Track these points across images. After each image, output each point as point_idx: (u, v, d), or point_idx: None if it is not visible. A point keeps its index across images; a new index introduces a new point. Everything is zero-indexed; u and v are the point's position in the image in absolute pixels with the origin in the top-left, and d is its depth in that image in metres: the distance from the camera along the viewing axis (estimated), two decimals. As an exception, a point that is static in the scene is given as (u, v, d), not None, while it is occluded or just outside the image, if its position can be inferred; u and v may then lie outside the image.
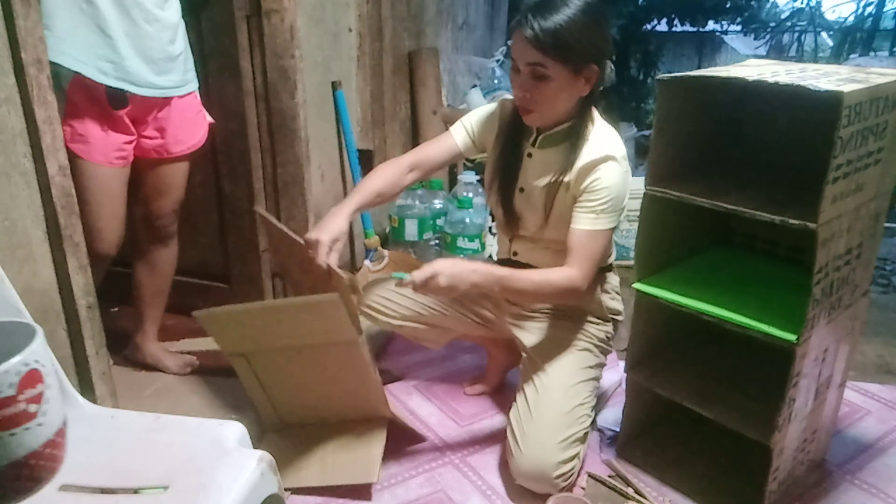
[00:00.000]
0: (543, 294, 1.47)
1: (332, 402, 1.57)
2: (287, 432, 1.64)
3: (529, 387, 1.54)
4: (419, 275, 1.34)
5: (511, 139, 1.55)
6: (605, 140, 1.45)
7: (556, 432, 1.45)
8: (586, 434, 1.52)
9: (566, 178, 1.46)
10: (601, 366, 1.63)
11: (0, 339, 0.82)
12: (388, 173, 1.57)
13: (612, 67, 1.46)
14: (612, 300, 1.66)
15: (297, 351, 1.46)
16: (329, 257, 1.40)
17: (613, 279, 1.67)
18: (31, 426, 0.76)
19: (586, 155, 1.44)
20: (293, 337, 1.43)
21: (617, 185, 1.42)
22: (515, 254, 1.62)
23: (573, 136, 1.46)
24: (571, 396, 1.50)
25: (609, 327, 1.66)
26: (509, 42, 4.34)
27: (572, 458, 1.45)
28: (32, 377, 0.75)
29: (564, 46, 1.33)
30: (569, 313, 1.63)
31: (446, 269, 1.35)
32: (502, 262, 1.65)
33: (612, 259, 1.65)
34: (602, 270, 1.64)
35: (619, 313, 1.68)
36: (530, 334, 1.63)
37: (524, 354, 1.64)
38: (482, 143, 1.62)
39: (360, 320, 1.38)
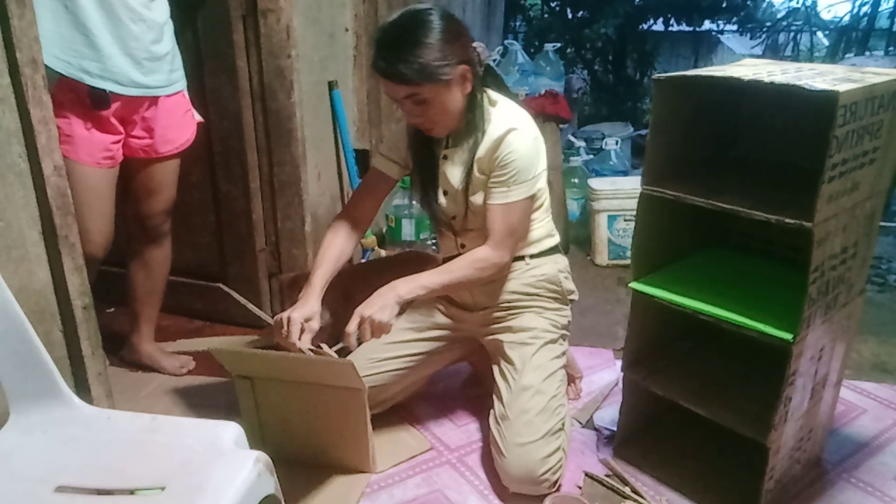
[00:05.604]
0: (467, 277, 1.50)
1: (322, 445, 1.56)
2: None
3: (504, 389, 1.55)
4: (353, 330, 1.40)
5: (423, 149, 1.58)
6: (506, 115, 1.50)
7: (534, 430, 1.46)
8: (564, 423, 1.54)
9: (476, 156, 1.50)
10: (564, 352, 1.66)
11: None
12: (339, 239, 1.59)
13: (482, 45, 1.49)
14: (566, 280, 1.67)
15: (304, 386, 1.49)
16: (302, 338, 1.40)
17: (562, 260, 1.68)
18: None
19: (491, 133, 1.48)
20: (303, 375, 1.47)
21: (524, 154, 1.46)
22: (463, 246, 1.62)
23: (477, 123, 1.50)
24: (544, 392, 1.52)
25: (568, 311, 1.68)
26: (505, 42, 4.33)
27: (556, 451, 1.47)
28: None
29: (428, 72, 1.36)
30: (531, 305, 1.63)
31: (367, 307, 1.41)
32: (450, 258, 1.62)
33: (556, 240, 1.67)
34: (552, 251, 1.65)
35: (573, 293, 1.69)
36: (498, 336, 1.63)
37: (495, 357, 1.64)
38: (405, 161, 1.64)
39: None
